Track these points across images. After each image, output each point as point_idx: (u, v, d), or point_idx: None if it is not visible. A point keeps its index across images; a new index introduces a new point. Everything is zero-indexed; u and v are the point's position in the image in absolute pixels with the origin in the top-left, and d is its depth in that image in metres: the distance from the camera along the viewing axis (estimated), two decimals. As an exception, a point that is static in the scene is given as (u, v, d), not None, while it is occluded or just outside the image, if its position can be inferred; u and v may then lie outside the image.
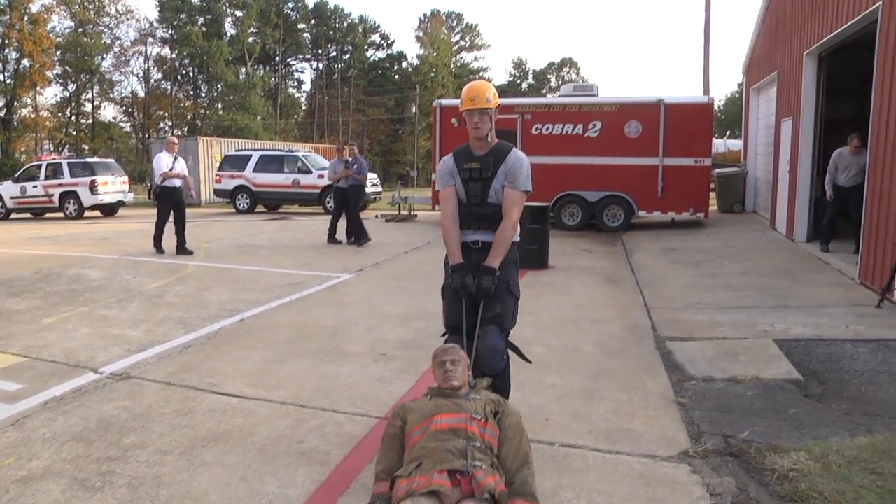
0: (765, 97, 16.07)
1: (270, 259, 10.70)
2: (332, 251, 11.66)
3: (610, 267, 10.04)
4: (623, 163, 14.63)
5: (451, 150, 3.85)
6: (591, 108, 14.81)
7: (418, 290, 8.08)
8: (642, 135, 14.49)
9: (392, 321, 6.50)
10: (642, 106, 14.60)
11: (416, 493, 2.54)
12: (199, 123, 57.39)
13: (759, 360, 5.08)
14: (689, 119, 14.19)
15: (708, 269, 9.35)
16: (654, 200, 14.53)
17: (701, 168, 14.23)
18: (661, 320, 6.52)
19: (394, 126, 68.98)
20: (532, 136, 15.05)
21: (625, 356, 5.38)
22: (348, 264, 10.15)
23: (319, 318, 6.59)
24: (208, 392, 4.52)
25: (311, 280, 8.73)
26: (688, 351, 5.43)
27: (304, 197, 20.98)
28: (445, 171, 3.75)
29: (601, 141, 14.74)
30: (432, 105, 16.14)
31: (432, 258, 10.89)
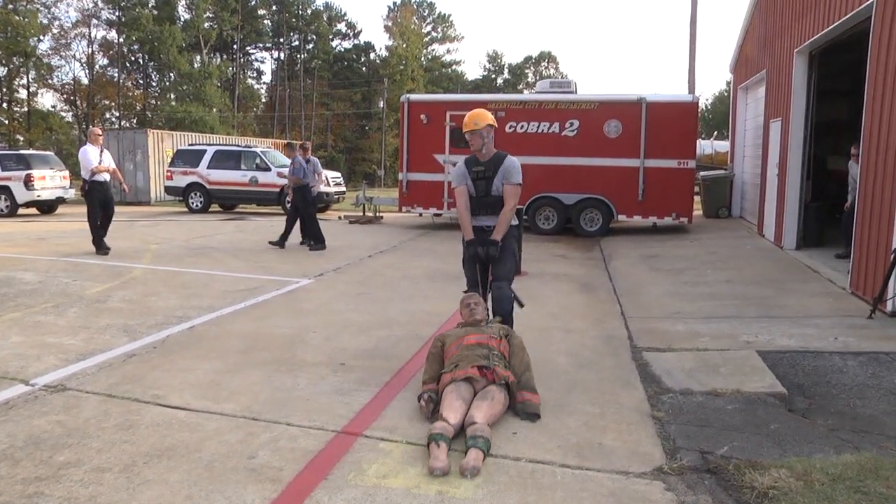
0: (753, 97, 16.42)
1: (224, 262, 10.63)
2: (290, 255, 11.62)
3: (586, 274, 10.16)
4: (602, 164, 14.83)
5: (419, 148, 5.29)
6: (568, 105, 15.01)
7: (382, 297, 8.11)
8: (622, 135, 14.72)
9: (353, 329, 6.51)
10: (623, 104, 14.82)
11: (457, 378, 4.33)
12: (150, 115, 56.66)
13: (740, 373, 5.19)
14: (673, 119, 14.47)
15: (690, 277, 9.52)
16: (635, 204, 14.75)
17: (685, 171, 14.49)
18: (639, 330, 6.63)
19: (360, 122, 68.90)
20: (506, 134, 15.19)
21: (598, 368, 5.46)
22: (308, 269, 10.13)
23: (275, 326, 6.58)
24: (153, 405, 4.49)
25: (267, 285, 8.71)
26: (665, 362, 5.53)
27: (263, 196, 20.86)
28: (460, 174, 5.65)
29: (579, 141, 14.94)
30: (400, 100, 16.20)
31: (398, 263, 10.91)
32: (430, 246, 13.28)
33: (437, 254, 12.13)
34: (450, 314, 7.24)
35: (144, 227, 16.01)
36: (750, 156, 16.61)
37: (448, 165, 15.69)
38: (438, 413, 4.12)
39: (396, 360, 5.53)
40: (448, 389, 4.27)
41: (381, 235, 14.98)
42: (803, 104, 11.22)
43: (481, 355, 4.50)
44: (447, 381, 4.38)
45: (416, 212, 16.52)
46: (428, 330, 6.53)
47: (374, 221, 18.22)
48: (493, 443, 3.93)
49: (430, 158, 15.84)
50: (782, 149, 11.90)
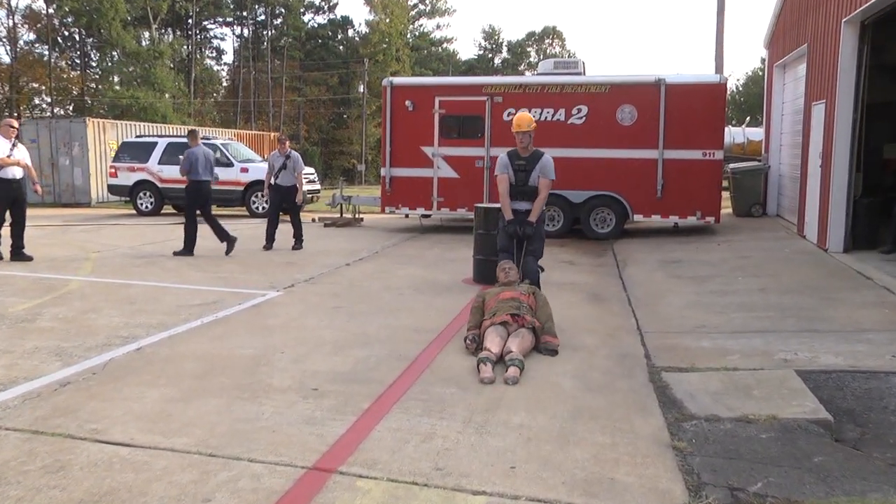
0: (792, 76, 16.51)
1: (178, 272, 10.62)
2: (256, 263, 11.62)
3: (596, 283, 10.19)
4: (614, 156, 14.91)
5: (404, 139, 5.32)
6: (575, 88, 15.08)
7: (360, 311, 8.12)
8: (638, 122, 14.79)
9: (326, 349, 6.52)
10: (639, 87, 14.90)
11: (495, 322, 6.44)
12: (89, 101, 56.35)
13: (777, 396, 5.21)
14: (697, 103, 14.55)
15: (717, 285, 9.56)
16: (653, 202, 14.83)
17: (710, 163, 14.57)
18: (657, 347, 6.66)
19: (337, 109, 68.96)
20: (503, 123, 15.23)
21: (610, 391, 5.47)
22: (276, 279, 10.13)
23: (237, 346, 6.58)
24: (89, 441, 4.47)
25: (228, 299, 8.71)
26: (688, 384, 5.55)
27: (224, 196, 20.84)
28: (503, 164, 8.05)
29: (588, 129, 15.01)
30: (382, 84, 16.25)
31: (380, 272, 10.92)
32: (417, 252, 13.28)
33: (425, 261, 12.14)
34: (440, 329, 7.25)
35: (83, 233, 15.96)
36: (788, 144, 16.70)
37: (437, 159, 15.74)
38: (482, 348, 6.22)
39: (377, 385, 5.53)
40: (489, 330, 6.44)
41: (361, 240, 14.98)
42: (852, 83, 11.17)
43: (513, 306, 6.68)
44: (487, 325, 6.57)
45: (402, 213, 16.53)
46: (414, 349, 6.54)
47: (352, 224, 18.23)
48: (488, 479, 3.99)
49: (417, 151, 15.88)
50: (827, 136, 11.92)
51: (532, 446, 4.45)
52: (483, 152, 15.54)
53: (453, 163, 15.74)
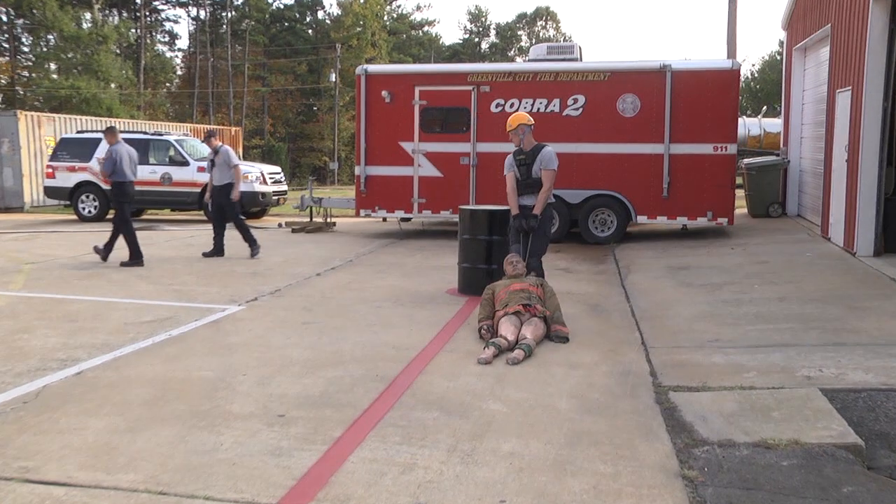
0: (813, 60, 16.64)
1: (126, 286, 10.58)
2: (215, 274, 11.60)
3: (596, 292, 10.23)
4: (615, 151, 15.02)
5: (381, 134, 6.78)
6: (571, 76, 15.18)
7: (333, 327, 8.11)
8: (641, 113, 14.91)
9: (295, 370, 6.51)
10: (642, 74, 15.00)
11: (509, 312, 7.49)
12: (21, 92, 55.85)
13: (799, 418, 5.23)
14: (707, 91, 14.67)
15: (731, 293, 9.62)
16: (659, 202, 14.92)
17: (723, 158, 14.68)
18: (664, 363, 6.69)
19: (306, 100, 68.99)
20: (491, 115, 15.32)
21: (611, 413, 5.49)
22: (238, 292, 10.11)
23: (193, 368, 6.56)
24: (18, 481, 4.40)
25: (183, 314, 8.69)
26: (699, 405, 5.57)
27: (179, 198, 20.78)
28: (509, 163, 9.07)
29: (585, 122, 15.11)
30: (356, 73, 16.25)
31: (354, 282, 10.92)
32: (397, 259, 13.29)
33: (405, 269, 12.14)
34: (422, 346, 7.26)
35: (14, 242, 15.85)
36: (810, 136, 16.82)
37: (418, 156, 15.75)
38: (497, 336, 7.29)
39: (351, 409, 5.51)
40: (503, 320, 7.50)
41: (334, 247, 14.97)
42: (882, 68, 11.21)
43: (524, 297, 7.77)
44: (501, 315, 7.62)
45: (379, 216, 16.53)
46: (393, 367, 6.53)
47: (324, 229, 18.21)
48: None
49: (396, 148, 15.90)
50: (853, 126, 11.99)
51: (524, 477, 4.44)
52: (469, 148, 15.58)
53: (436, 160, 15.77)
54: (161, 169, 20.84)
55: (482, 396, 5.78)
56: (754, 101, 56.19)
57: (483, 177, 15.41)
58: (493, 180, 15.11)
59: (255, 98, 67.77)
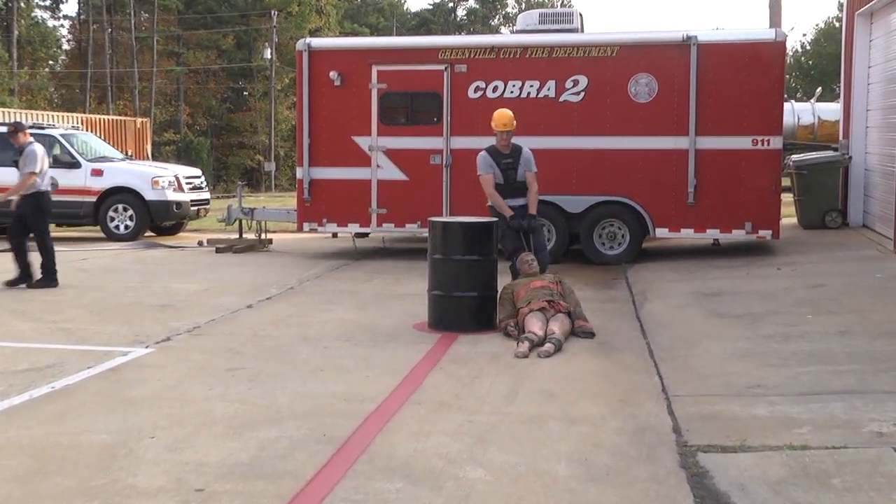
0: (882, 28, 16.72)
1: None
2: (115, 306, 11.53)
3: (603, 326, 10.18)
4: (626, 146, 15.09)
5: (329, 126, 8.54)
6: (570, 52, 15.25)
7: (267, 374, 8.07)
8: (659, 98, 14.97)
9: (218, 430, 6.45)
10: (660, 48, 15.14)
11: (534, 309, 9.37)
12: None
13: (868, 487, 5.20)
14: (744, 69, 14.75)
15: (776, 326, 9.63)
16: (683, 210, 14.99)
17: (764, 154, 14.77)
18: (691, 416, 6.66)
19: (234, 83, 68.85)
20: (469, 102, 15.37)
21: (623, 481, 5.47)
22: (144, 330, 10.02)
23: (84, 430, 6.46)
24: None
25: (72, 361, 8.58)
26: (737, 470, 5.55)
27: (68, 209, 20.58)
28: (488, 163, 10.82)
29: (588, 109, 15.17)
30: (297, 48, 16.24)
31: (295, 316, 10.91)
32: (349, 286, 13.28)
33: (361, 299, 12.14)
34: (382, 398, 7.22)
35: None
36: (878, 126, 16.90)
37: (377, 154, 15.73)
38: (525, 332, 8.97)
39: (290, 480, 5.50)
40: (529, 316, 9.20)
41: (269, 271, 14.92)
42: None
43: (547, 294, 9.54)
44: (526, 312, 9.30)
45: (327, 231, 16.49)
46: (345, 425, 6.47)
47: (257, 248, 18.14)
48: None
49: (348, 144, 15.90)
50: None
51: (513, 564, 4.43)
52: (441, 144, 15.62)
53: (399, 159, 15.77)
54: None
55: (459, 461, 5.72)
56: (806, 80, 56.59)
57: (459, 180, 15.38)
58: (472, 184, 15.08)
59: (168, 80, 67.45)
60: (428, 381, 7.82)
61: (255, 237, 18.66)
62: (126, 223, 20.50)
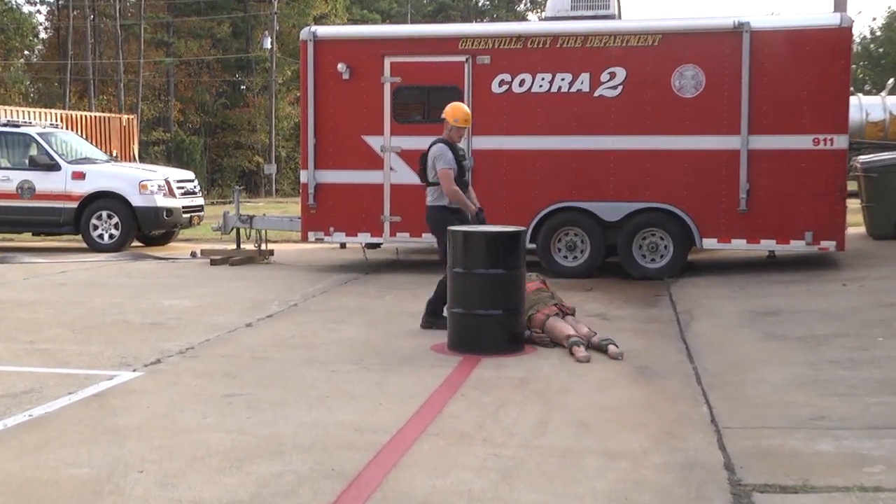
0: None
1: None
2: (99, 325, 11.56)
3: (644, 349, 10.22)
4: (670, 147, 15.09)
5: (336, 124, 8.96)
6: (606, 40, 15.25)
7: (268, 401, 8.07)
8: (707, 92, 14.96)
9: (213, 463, 6.43)
10: (708, 36, 15.12)
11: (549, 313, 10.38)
12: None
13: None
14: (804, 59, 14.72)
15: (842, 350, 9.60)
16: (734, 218, 14.96)
17: (827, 154, 14.72)
18: (745, 452, 6.61)
19: (230, 76, 69.07)
20: (493, 96, 15.40)
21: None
22: (132, 351, 10.05)
23: (64, 464, 6.45)
24: None
25: (51, 385, 8.59)
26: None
27: (46, 216, 20.69)
28: (449, 158, 11.31)
29: (627, 105, 15.19)
30: (301, 37, 16.26)
31: (299, 336, 10.94)
32: (360, 303, 13.31)
33: (372, 317, 12.16)
34: (396, 428, 7.20)
35: None
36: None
37: (390, 156, 15.72)
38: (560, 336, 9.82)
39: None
40: (552, 320, 10.11)
41: (270, 286, 14.98)
42: None
43: (548, 296, 10.54)
44: (542, 318, 10.18)
45: (334, 241, 16.50)
46: (355, 459, 6.44)
47: (256, 260, 18.20)
48: None
49: (358, 143, 15.95)
50: None
51: None
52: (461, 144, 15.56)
53: (415, 161, 15.64)
54: (17, 175, 20.84)
55: (483, 500, 5.68)
56: (875, 71, 56.16)
57: (482, 185, 15.35)
58: (496, 190, 15.14)
59: (157, 73, 67.71)
60: (448, 410, 7.80)
61: (255, 248, 18.73)
62: (111, 232, 20.57)
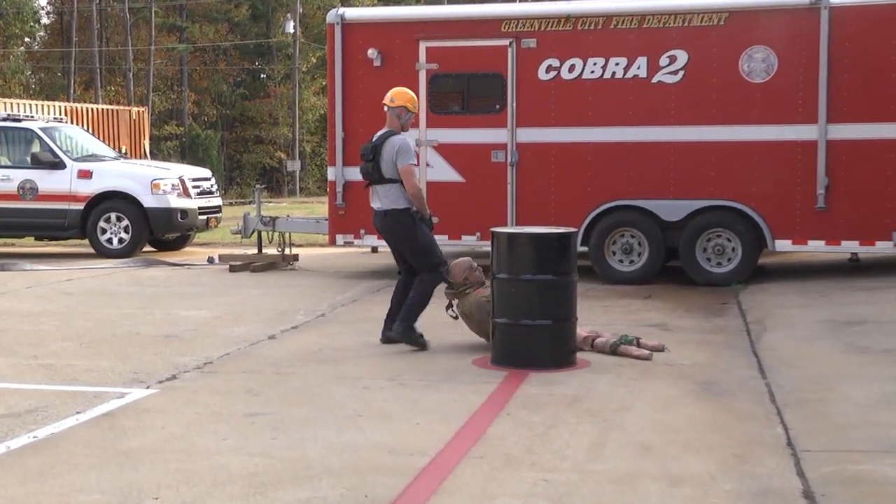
0: None
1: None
2: (108, 337, 11.62)
3: (710, 362, 10.18)
4: (737, 138, 15.04)
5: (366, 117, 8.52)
6: (666, 21, 15.21)
7: (294, 420, 8.08)
8: (780, 77, 14.87)
9: (235, 490, 6.43)
10: (780, 14, 15.06)
11: None
12: None
13: None
14: (889, 38, 14.57)
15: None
16: (811, 217, 14.87)
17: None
18: (826, 478, 6.54)
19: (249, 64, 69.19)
20: (540, 84, 15.39)
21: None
22: (145, 366, 10.09)
23: (72, 490, 6.47)
24: None
25: (57, 404, 8.62)
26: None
27: (50, 219, 20.80)
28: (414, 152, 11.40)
29: (688, 92, 15.14)
30: (328, 20, 16.28)
31: (328, 350, 10.97)
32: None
33: (409, 329, 12.12)
34: (435, 450, 7.19)
35: None
36: None
37: (426, 150, 15.70)
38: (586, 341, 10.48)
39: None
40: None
41: (295, 294, 15.01)
42: None
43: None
44: None
45: (365, 244, 16.51)
46: (390, 485, 6.44)
47: (279, 266, 18.25)
48: None
49: (389, 136, 15.94)
50: None
51: None
52: (504, 137, 15.63)
53: (453, 156, 15.79)
54: (19, 174, 20.98)
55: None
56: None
57: (527, 181, 15.41)
58: (544, 187, 15.12)
59: (169, 61, 68.01)
60: (492, 431, 7.78)
61: (278, 253, 18.76)
62: (120, 236, 20.66)
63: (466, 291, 10.88)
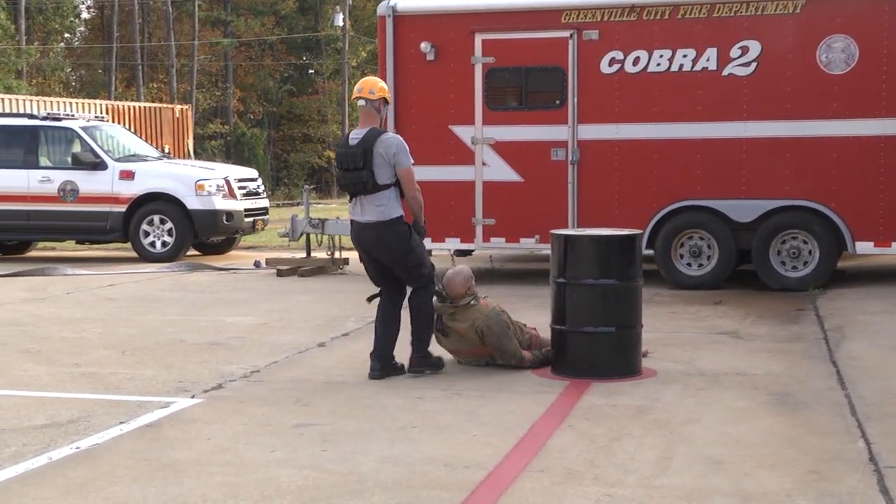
0: None
1: (10, 368, 10.68)
2: (151, 345, 11.71)
3: (785, 373, 10.10)
4: (815, 133, 14.92)
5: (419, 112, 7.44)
6: (737, 9, 15.12)
7: (345, 432, 8.10)
8: (861, 68, 14.74)
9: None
10: (860, 1, 14.90)
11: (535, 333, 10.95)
12: None
13: None
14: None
15: None
16: (894, 218, 14.72)
17: None
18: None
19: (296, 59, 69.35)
20: (603, 77, 15.37)
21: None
22: (189, 375, 10.16)
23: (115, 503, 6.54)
24: None
25: (99, 413, 8.70)
26: None
27: (90, 221, 20.95)
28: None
29: (762, 85, 15.02)
30: (378, 12, 16.34)
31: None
32: (449, 320, 13.27)
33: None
34: (493, 464, 7.20)
35: None
36: None
37: (482, 149, 15.70)
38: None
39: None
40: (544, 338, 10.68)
41: (345, 299, 15.01)
42: None
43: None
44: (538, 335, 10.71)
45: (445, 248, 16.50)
46: (446, 499, 6.43)
47: (329, 270, 18.34)
48: None
49: (445, 134, 16.02)
50: None
51: None
52: (565, 134, 15.62)
53: (511, 154, 15.78)
54: (59, 175, 21.18)
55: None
56: None
57: (589, 181, 15.37)
58: (608, 186, 15.10)
59: (213, 56, 68.35)
60: (553, 443, 7.77)
61: (327, 256, 18.84)
62: (163, 239, 20.85)
63: (471, 303, 10.12)
